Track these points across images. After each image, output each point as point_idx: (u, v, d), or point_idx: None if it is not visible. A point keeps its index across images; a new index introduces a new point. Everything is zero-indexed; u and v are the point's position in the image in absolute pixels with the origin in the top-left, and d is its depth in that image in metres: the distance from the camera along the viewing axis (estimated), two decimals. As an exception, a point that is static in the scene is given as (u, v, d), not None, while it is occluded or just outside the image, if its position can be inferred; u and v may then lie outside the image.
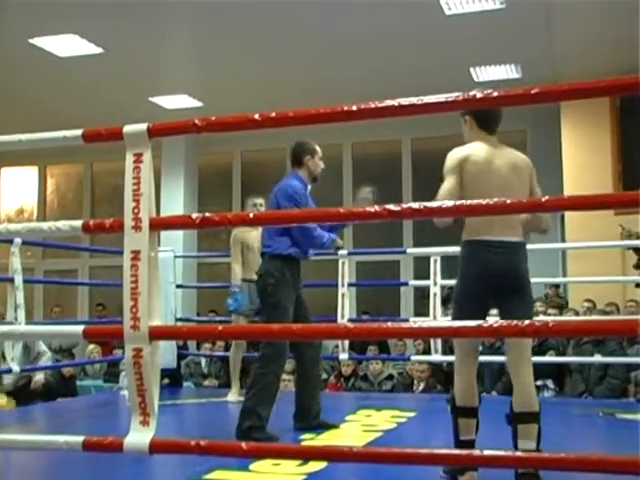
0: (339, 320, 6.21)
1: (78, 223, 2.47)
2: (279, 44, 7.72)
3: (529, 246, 3.17)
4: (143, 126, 2.31)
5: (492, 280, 2.95)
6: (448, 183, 3.05)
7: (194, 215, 2.40)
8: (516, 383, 2.97)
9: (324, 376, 7.66)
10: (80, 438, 2.34)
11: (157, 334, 2.30)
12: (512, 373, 3.01)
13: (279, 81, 8.83)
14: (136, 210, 2.30)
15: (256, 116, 2.26)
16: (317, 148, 4.45)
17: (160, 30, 7.41)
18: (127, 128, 2.33)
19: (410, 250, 7.97)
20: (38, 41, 7.53)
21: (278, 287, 4.12)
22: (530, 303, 3.09)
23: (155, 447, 2.25)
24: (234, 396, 5.93)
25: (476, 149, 3.14)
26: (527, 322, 2.08)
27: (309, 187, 4.35)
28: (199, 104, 9.60)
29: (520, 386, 2.95)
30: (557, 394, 6.46)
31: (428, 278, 6.22)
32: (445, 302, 6.44)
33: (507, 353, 3.08)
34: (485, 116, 3.28)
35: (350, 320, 6.49)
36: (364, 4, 6.76)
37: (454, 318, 2.96)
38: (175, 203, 10.69)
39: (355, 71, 8.49)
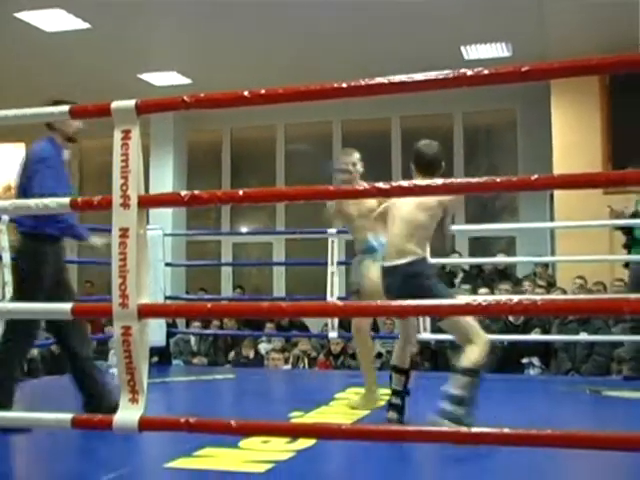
0: (328, 298, 6.22)
1: (66, 200, 2.46)
2: (270, 22, 7.65)
3: (518, 225, 3.19)
4: (131, 102, 2.29)
5: (394, 296, 3.38)
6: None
7: (183, 192, 2.40)
8: None
9: (313, 354, 7.69)
10: (69, 415, 2.34)
11: (146, 312, 2.30)
12: None
13: (270, 59, 8.76)
14: (124, 187, 2.28)
15: (245, 93, 2.24)
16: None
17: (148, 5, 7.33)
18: (115, 104, 2.31)
19: (399, 229, 7.94)
20: (24, 15, 7.42)
21: (34, 266, 3.74)
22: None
23: (144, 425, 2.25)
24: None
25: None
26: (516, 300, 2.09)
27: (66, 151, 3.88)
28: (188, 81, 9.53)
29: None
30: (543, 372, 6.51)
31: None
32: None
33: None
34: (421, 162, 3.60)
35: (339, 299, 6.50)
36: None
37: None
38: (164, 181, 10.65)
39: (345, 49, 8.43)
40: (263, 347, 7.98)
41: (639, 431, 1.94)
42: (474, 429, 2.09)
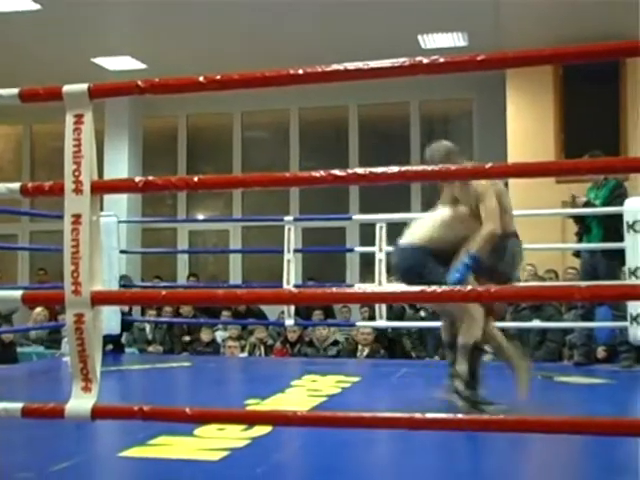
0: (284, 286, 6.22)
1: (16, 185, 2.41)
2: (225, 7, 7.58)
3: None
4: (84, 86, 2.25)
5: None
6: None
7: (137, 179, 2.36)
8: None
9: (270, 342, 7.69)
10: (19, 405, 2.30)
11: (99, 299, 2.27)
12: None
13: (227, 45, 8.68)
14: (77, 173, 2.24)
15: (201, 78, 2.22)
16: None
17: (102, -12, 7.21)
18: (67, 88, 2.26)
19: (356, 217, 7.99)
20: (-29, -4, 7.25)
21: None
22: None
23: (97, 413, 2.23)
24: None
25: None
26: (469, 288, 2.11)
27: None
28: (143, 66, 9.39)
29: None
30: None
31: (374, 244, 6.27)
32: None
33: None
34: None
35: (295, 286, 6.50)
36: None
37: None
38: (119, 167, 10.50)
39: (304, 36, 8.41)
40: (219, 335, 7.95)
41: (588, 415, 1.98)
42: (428, 415, 2.11)
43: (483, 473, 2.74)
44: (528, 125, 8.80)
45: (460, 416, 2.04)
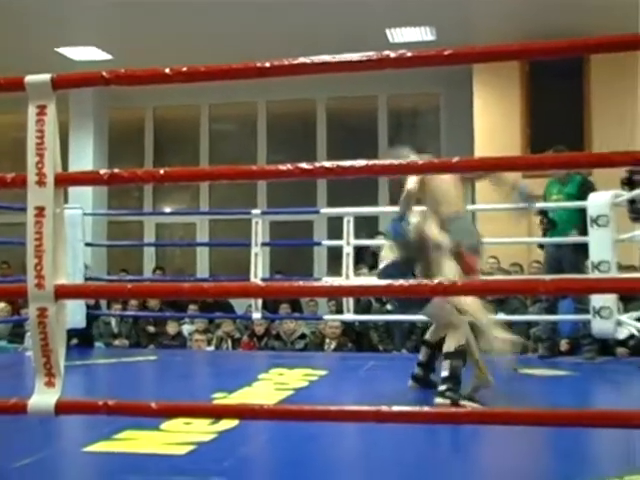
0: (252, 279, 6.20)
1: (-23, 177, 2.37)
2: (193, -3, 7.51)
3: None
4: (47, 76, 2.22)
5: None
6: None
7: (102, 171, 2.34)
8: None
9: (237, 335, 7.67)
10: (-19, 400, 2.27)
11: (63, 293, 2.24)
12: None
13: (194, 37, 8.61)
14: (40, 165, 2.21)
15: (167, 70, 2.20)
16: None
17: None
18: (29, 78, 2.23)
19: (324, 210, 7.99)
20: None
21: None
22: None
23: (61, 408, 2.20)
24: None
25: None
26: (437, 281, 2.13)
27: None
28: (109, 57, 9.27)
29: None
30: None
31: (341, 238, 6.28)
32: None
33: None
34: None
35: (263, 279, 6.49)
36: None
37: None
38: (84, 159, 10.35)
39: (272, 30, 8.36)
40: (186, 328, 7.90)
41: (551, 407, 2.01)
42: (395, 407, 2.12)
43: (450, 465, 2.76)
44: (495, 120, 8.88)
45: (426, 409, 2.05)
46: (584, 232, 5.61)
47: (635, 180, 4.87)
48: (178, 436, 2.96)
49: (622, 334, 5.69)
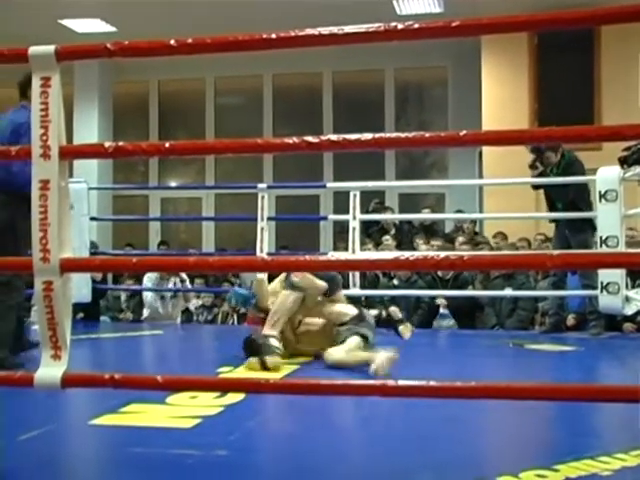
0: (258, 254, 6.19)
1: (-19, 150, 2.35)
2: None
3: (447, 182, 3.22)
4: (50, 48, 2.19)
5: None
6: None
7: (107, 143, 2.32)
8: None
9: (242, 310, 7.67)
10: (-13, 373, 2.28)
11: (68, 266, 2.23)
12: None
13: (199, 8, 8.52)
14: (44, 137, 2.19)
15: (172, 42, 2.17)
16: None
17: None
18: (33, 49, 2.20)
19: (330, 184, 7.96)
20: None
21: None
22: None
23: (67, 381, 2.20)
24: None
25: None
26: (442, 256, 2.11)
27: None
28: (113, 29, 9.20)
29: None
30: (459, 326, 6.61)
31: (347, 213, 6.26)
32: None
33: None
34: None
35: (269, 254, 6.48)
36: None
37: None
38: (89, 133, 10.30)
39: (277, 3, 8.27)
40: (192, 303, 7.92)
41: (556, 382, 2.00)
42: (400, 382, 2.12)
43: (454, 439, 2.76)
44: (503, 93, 8.80)
45: (432, 383, 2.05)
46: (572, 206, 5.65)
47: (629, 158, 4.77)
48: (184, 410, 2.97)
49: (630, 310, 5.67)
